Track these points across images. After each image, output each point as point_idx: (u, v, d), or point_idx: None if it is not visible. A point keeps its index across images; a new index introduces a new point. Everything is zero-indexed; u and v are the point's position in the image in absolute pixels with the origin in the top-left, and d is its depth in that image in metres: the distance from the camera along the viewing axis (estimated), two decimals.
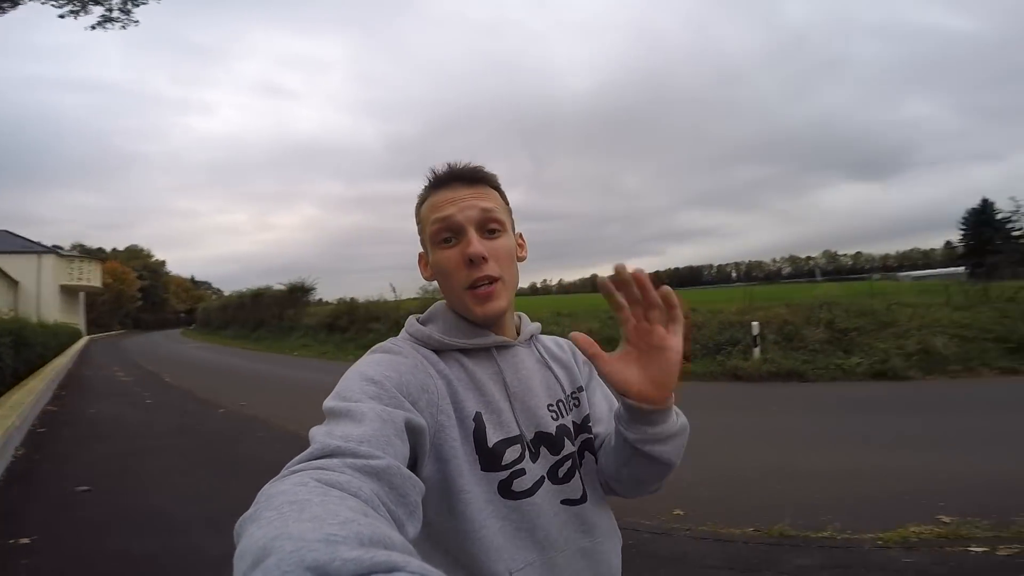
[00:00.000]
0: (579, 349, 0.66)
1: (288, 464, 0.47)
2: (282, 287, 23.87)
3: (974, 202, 57.65)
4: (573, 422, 0.80)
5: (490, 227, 0.74)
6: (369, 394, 0.59)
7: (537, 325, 0.87)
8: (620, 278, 0.62)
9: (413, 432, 0.58)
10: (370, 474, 0.45)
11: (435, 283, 0.79)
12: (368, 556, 0.28)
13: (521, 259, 0.81)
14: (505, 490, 0.68)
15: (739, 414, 6.37)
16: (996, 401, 6.35)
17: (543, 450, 0.74)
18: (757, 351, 9.55)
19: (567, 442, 0.76)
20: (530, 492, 0.69)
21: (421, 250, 0.81)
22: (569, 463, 0.76)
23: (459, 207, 0.73)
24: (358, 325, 17.65)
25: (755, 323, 9.96)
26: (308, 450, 0.48)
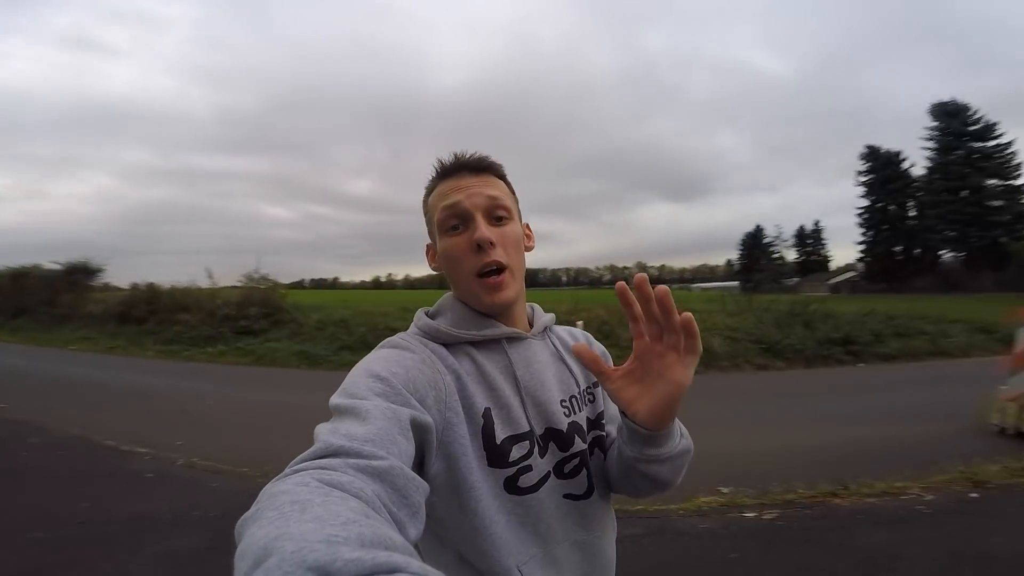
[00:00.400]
0: (584, 364, 0.66)
1: (291, 463, 0.46)
2: (57, 267, 19.26)
3: (751, 227, 71.60)
4: (587, 418, 0.79)
5: (497, 214, 0.73)
6: (375, 391, 0.58)
7: (551, 316, 0.85)
8: (642, 292, 0.59)
9: (419, 430, 0.57)
10: (372, 475, 0.45)
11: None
12: (369, 557, 0.29)
13: (528, 249, 0.80)
14: (511, 486, 0.68)
15: None
16: (753, 391, 7.79)
17: (552, 446, 0.72)
18: None
19: (577, 439, 0.75)
20: (535, 488, 0.69)
21: (428, 241, 0.80)
22: (577, 460, 0.74)
23: (466, 194, 0.72)
24: (160, 316, 14.85)
25: (579, 322, 11.14)
26: (312, 449, 0.48)
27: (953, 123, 36.66)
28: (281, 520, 0.34)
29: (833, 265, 67.62)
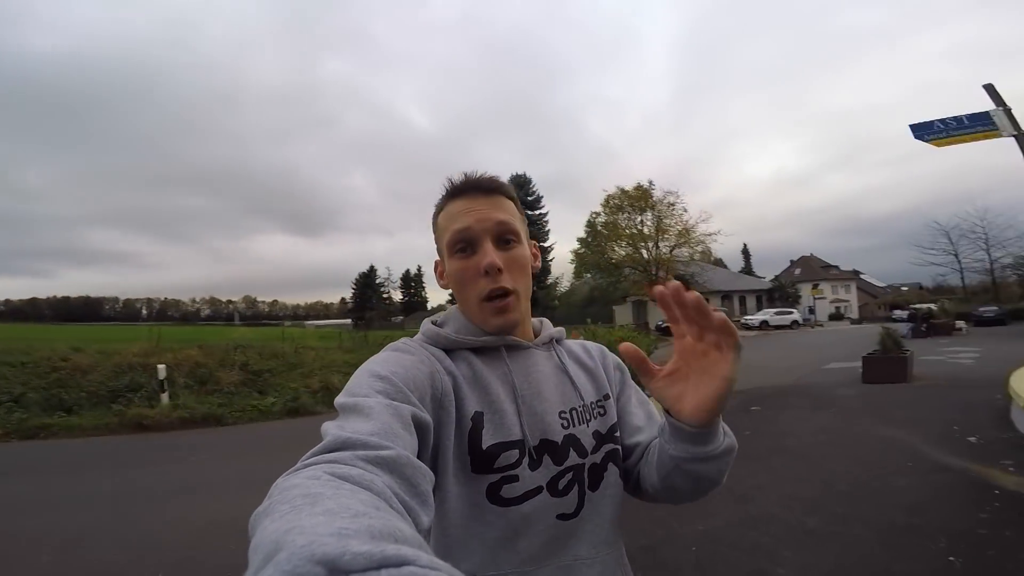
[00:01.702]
0: (628, 361, 0.68)
1: (302, 458, 0.47)
2: None
3: (364, 267, 75.75)
4: (596, 431, 0.77)
5: (506, 238, 0.75)
6: (377, 389, 0.59)
7: (560, 330, 0.85)
8: (678, 298, 0.59)
9: (419, 427, 0.58)
10: (381, 465, 0.46)
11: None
12: (379, 550, 0.28)
13: (535, 269, 0.80)
14: (493, 495, 0.67)
15: (151, 468, 5.66)
16: None
17: (546, 459, 0.71)
18: (166, 396, 8.54)
19: (573, 453, 0.73)
20: (518, 500, 0.67)
21: (438, 258, 0.81)
22: (570, 475, 0.72)
23: (475, 218, 0.73)
24: None
25: (161, 366, 8.85)
26: (320, 444, 0.49)
27: (520, 193, 47.81)
28: (292, 513, 0.34)
29: (430, 305, 78.73)
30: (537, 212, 48.22)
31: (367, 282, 73.76)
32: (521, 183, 47.79)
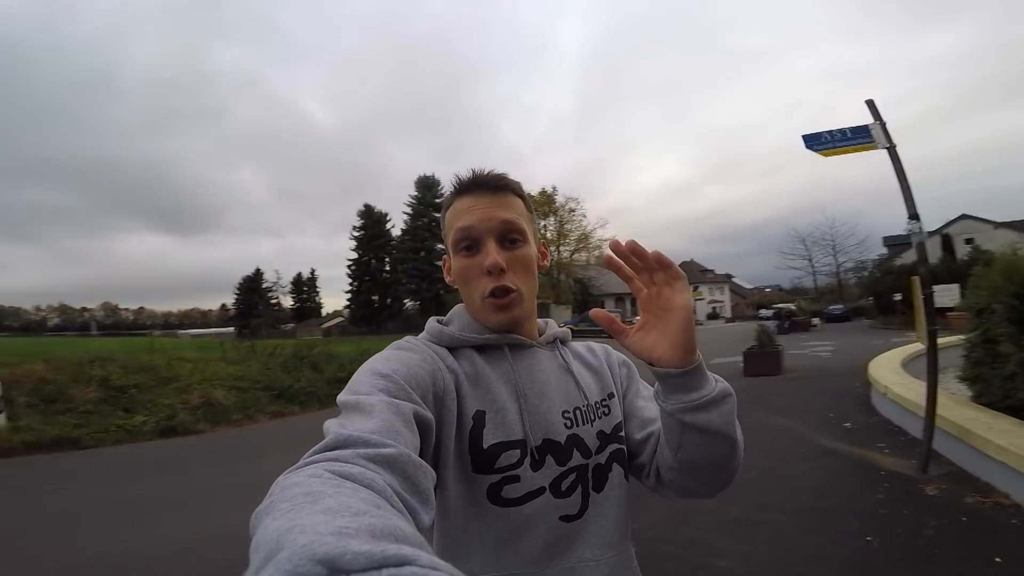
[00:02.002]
0: (599, 324, 0.68)
1: (304, 456, 0.46)
2: None
3: (249, 270, 69.72)
4: (601, 431, 0.76)
5: (511, 237, 0.74)
6: (379, 387, 0.59)
7: (565, 331, 0.85)
8: (620, 251, 0.63)
9: (421, 425, 0.58)
10: (382, 463, 0.45)
11: None
12: (379, 549, 0.28)
13: (542, 268, 0.81)
14: (494, 495, 0.66)
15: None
16: (269, 442, 7.23)
17: (548, 459, 0.70)
18: (3, 417, 7.32)
19: (576, 453, 0.72)
20: (520, 501, 0.67)
21: (446, 255, 0.81)
22: (573, 476, 0.71)
23: (480, 217, 0.73)
24: None
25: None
26: (322, 442, 0.48)
27: (427, 195, 46.80)
28: (293, 512, 0.34)
29: (325, 311, 74.59)
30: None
31: (252, 287, 68.04)
32: (429, 185, 46.88)
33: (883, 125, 4.03)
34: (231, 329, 60.56)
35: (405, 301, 50.01)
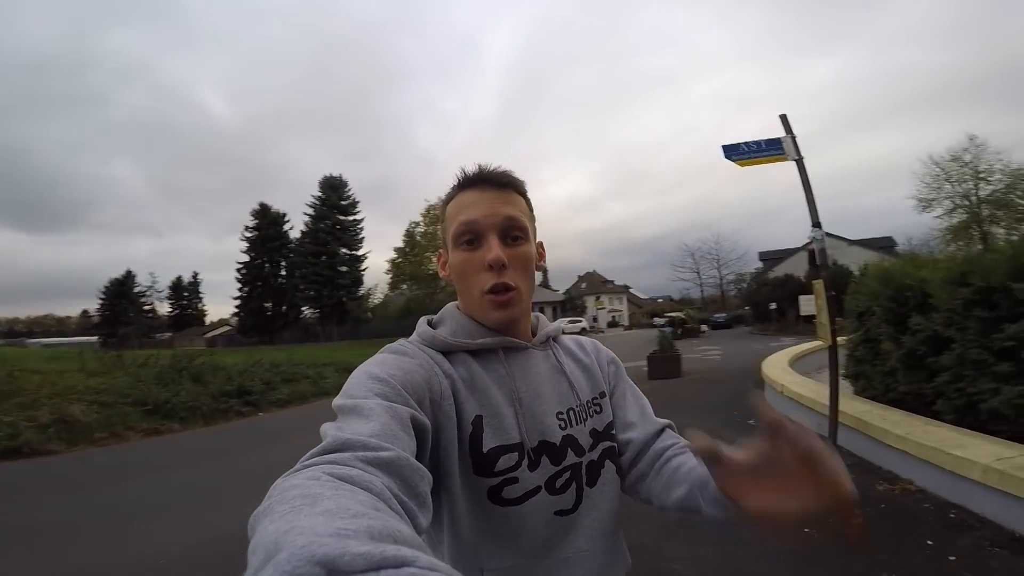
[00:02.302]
0: (702, 458, 0.64)
1: (301, 459, 0.46)
2: None
3: (119, 272, 61.58)
4: (593, 429, 0.77)
5: (513, 234, 0.74)
6: (375, 391, 0.59)
7: (556, 327, 0.85)
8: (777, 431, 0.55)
9: (418, 429, 0.57)
10: (380, 466, 0.45)
11: None
12: (378, 550, 0.28)
13: (539, 268, 0.81)
14: (495, 496, 0.68)
15: None
16: (149, 462, 6.45)
17: (544, 460, 0.71)
18: None
19: (570, 453, 0.74)
20: (519, 501, 0.68)
21: (442, 248, 0.81)
22: (568, 474, 0.73)
23: (484, 211, 0.72)
24: None
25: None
26: (319, 445, 0.48)
27: (332, 196, 44.03)
28: (292, 514, 0.34)
29: (209, 319, 68.10)
30: (351, 218, 45.17)
31: (122, 291, 60.31)
32: (335, 186, 44.42)
33: (793, 138, 4.31)
34: (94, 339, 53.21)
35: (303, 309, 46.90)
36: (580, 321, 41.40)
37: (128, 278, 61.13)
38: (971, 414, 3.65)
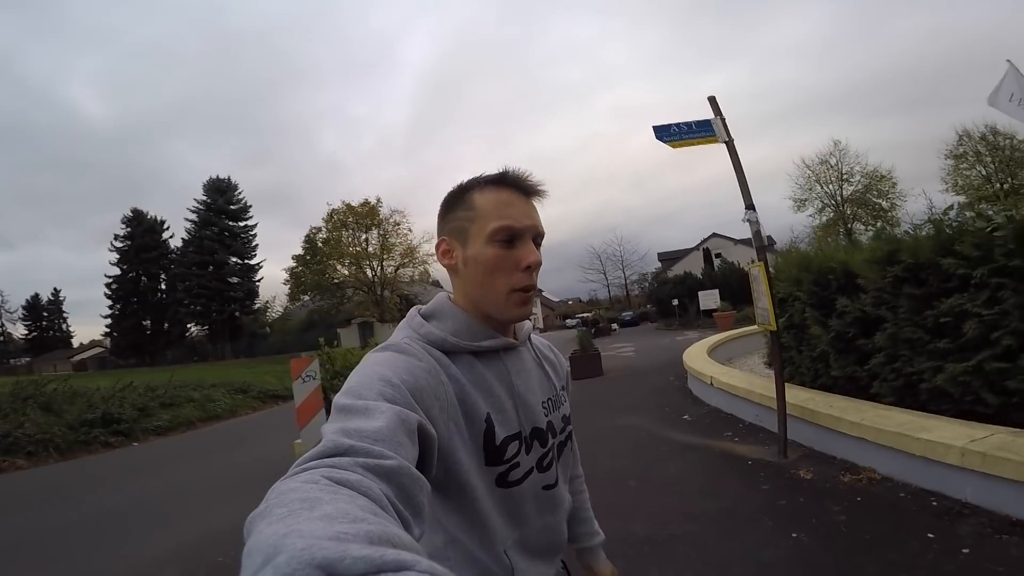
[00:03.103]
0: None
1: (298, 461, 0.46)
2: None
3: None
4: (564, 415, 0.89)
5: (538, 241, 0.79)
6: (385, 396, 0.59)
7: (531, 326, 0.90)
8: None
9: (424, 438, 0.58)
10: (380, 474, 0.46)
11: None
12: (378, 554, 0.28)
13: None
14: (502, 481, 0.75)
15: None
16: None
17: (535, 443, 0.80)
18: None
19: (550, 435, 0.83)
20: (520, 481, 0.77)
21: (445, 236, 0.81)
22: (551, 454, 0.83)
23: (523, 215, 0.77)
24: None
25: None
26: (319, 447, 0.48)
27: (219, 200, 39.77)
28: (290, 517, 0.33)
29: (77, 341, 59.47)
30: (243, 224, 41.25)
31: None
32: (222, 188, 40.29)
33: (723, 120, 4.17)
34: None
35: (188, 326, 42.20)
36: None
37: None
38: (911, 394, 3.65)
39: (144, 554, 3.59)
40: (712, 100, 4.22)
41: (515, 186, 0.78)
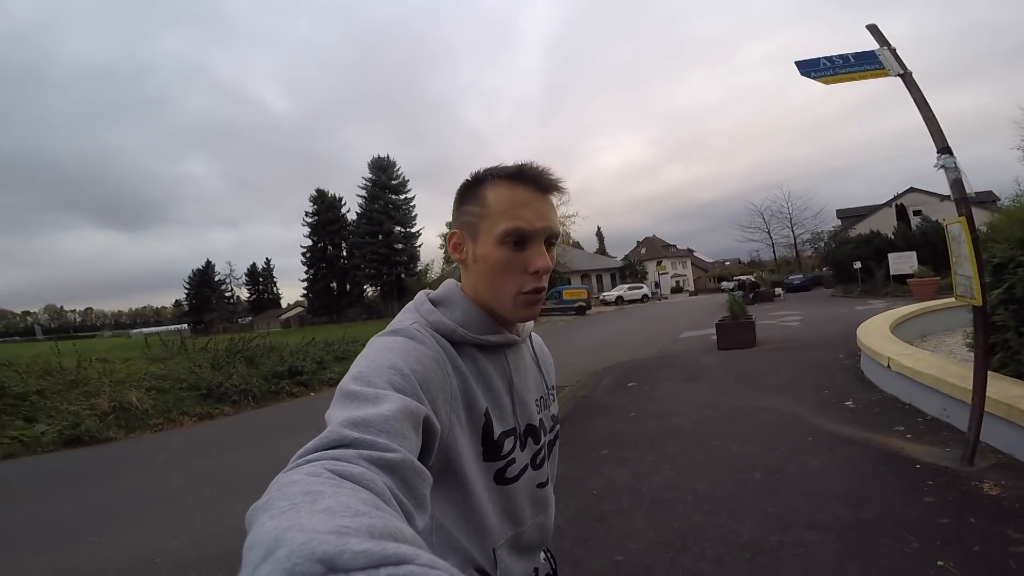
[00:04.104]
0: None
1: (301, 451, 0.46)
2: None
3: (201, 263, 66.02)
4: (554, 415, 0.90)
5: (551, 241, 0.76)
6: (394, 384, 0.58)
7: (531, 324, 0.88)
8: None
9: (428, 430, 0.58)
10: (384, 467, 0.45)
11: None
12: (378, 548, 0.28)
13: None
14: (500, 477, 0.74)
15: None
16: (192, 448, 6.45)
17: (529, 440, 0.80)
18: None
19: (542, 434, 0.84)
20: (516, 478, 0.77)
21: (457, 229, 0.79)
22: (543, 451, 0.84)
23: (539, 216, 0.74)
24: None
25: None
26: (322, 437, 0.48)
27: (382, 176, 44.94)
28: (292, 511, 0.33)
29: (284, 302, 71.63)
30: (403, 196, 45.63)
31: (204, 280, 64.55)
32: (384, 166, 44.83)
33: (893, 50, 3.25)
34: (183, 326, 57.48)
35: (365, 287, 48.19)
36: (641, 287, 39.54)
37: (208, 268, 65.32)
38: None
39: None
40: (874, 28, 3.32)
41: (532, 183, 0.74)
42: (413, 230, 45.37)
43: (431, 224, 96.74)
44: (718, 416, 4.86)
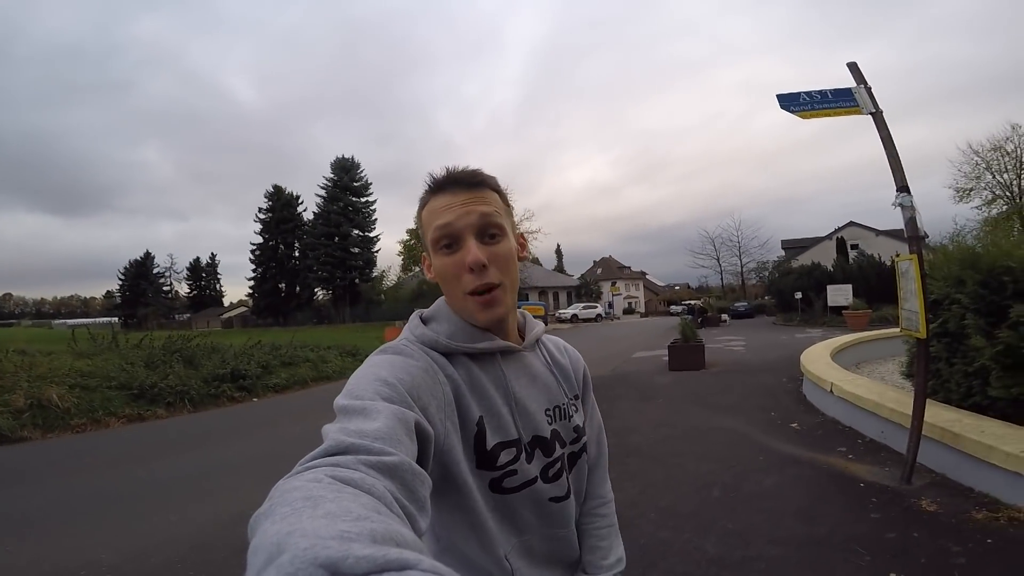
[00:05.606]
0: None
1: (301, 461, 0.46)
2: None
3: (140, 254, 62.07)
4: (576, 425, 0.85)
5: (490, 232, 0.74)
6: (382, 395, 0.59)
7: (543, 328, 0.88)
8: None
9: (421, 436, 0.58)
10: (383, 470, 0.45)
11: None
12: (381, 553, 0.28)
13: (522, 259, 0.82)
14: (496, 486, 0.73)
15: None
16: (120, 452, 5.96)
17: (538, 452, 0.77)
18: None
19: (558, 446, 0.80)
20: (517, 489, 0.74)
21: (424, 253, 0.81)
22: (558, 465, 0.80)
23: (458, 213, 0.73)
24: None
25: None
26: (321, 447, 0.48)
27: (344, 177, 43.45)
28: (294, 516, 0.33)
29: (227, 300, 68.53)
30: (364, 199, 44.62)
31: (141, 272, 60.86)
32: (347, 167, 43.72)
33: (868, 89, 3.49)
34: (115, 319, 53.80)
35: (316, 290, 46.67)
36: (596, 307, 40.39)
37: (147, 259, 61.68)
38: None
39: (244, 509, 3.93)
40: (853, 66, 3.55)
41: (450, 185, 0.74)
42: (372, 234, 44.41)
43: (391, 230, 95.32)
44: (675, 435, 4.97)
